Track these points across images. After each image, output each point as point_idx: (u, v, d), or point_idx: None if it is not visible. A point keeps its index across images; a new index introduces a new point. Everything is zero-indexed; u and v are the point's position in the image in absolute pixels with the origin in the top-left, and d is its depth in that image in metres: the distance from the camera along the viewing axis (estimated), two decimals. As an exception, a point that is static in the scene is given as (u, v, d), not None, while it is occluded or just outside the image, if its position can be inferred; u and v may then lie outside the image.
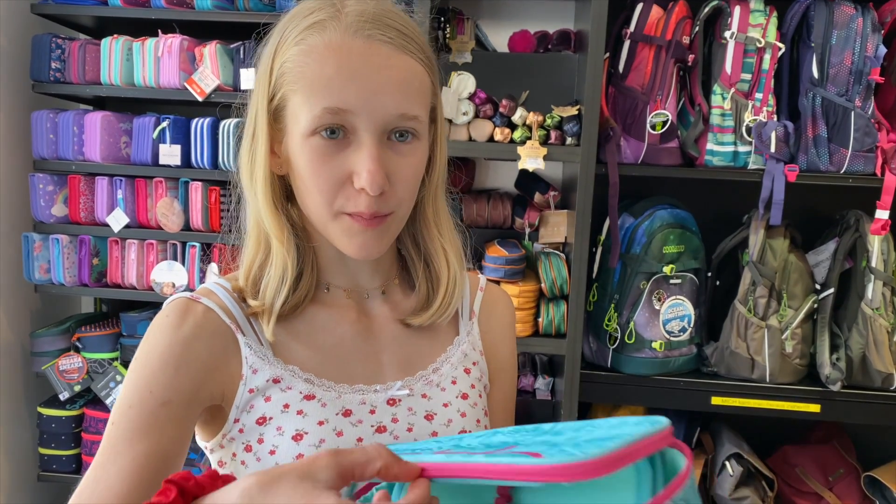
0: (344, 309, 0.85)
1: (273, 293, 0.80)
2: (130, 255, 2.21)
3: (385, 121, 0.73)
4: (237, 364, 0.78)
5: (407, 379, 0.84)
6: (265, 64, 0.78)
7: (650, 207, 2.01)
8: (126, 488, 0.69)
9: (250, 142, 0.79)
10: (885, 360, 1.90)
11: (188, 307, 0.78)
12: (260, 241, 0.82)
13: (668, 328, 1.96)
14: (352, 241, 0.77)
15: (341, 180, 0.74)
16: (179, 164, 2.15)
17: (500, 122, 1.94)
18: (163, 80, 2.13)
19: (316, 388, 0.79)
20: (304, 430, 0.77)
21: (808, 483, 2.09)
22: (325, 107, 0.72)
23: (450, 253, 0.87)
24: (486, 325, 0.93)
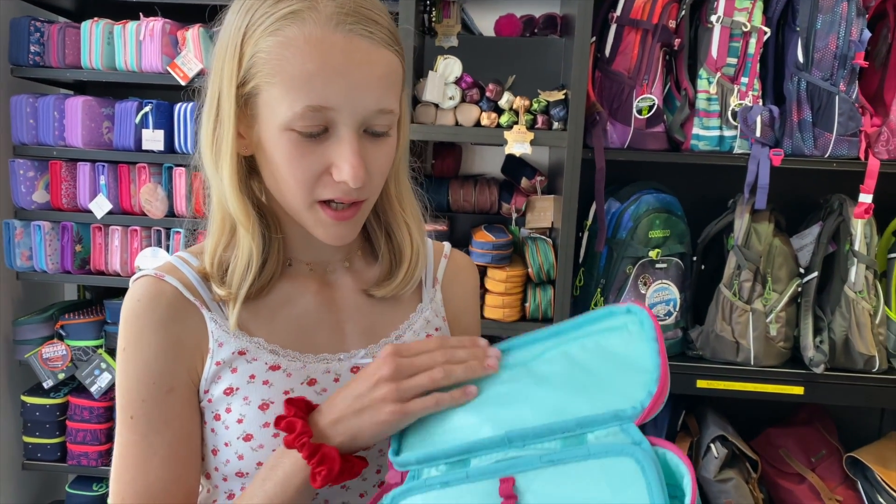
0: (307, 281, 0.87)
1: (239, 280, 0.81)
2: (114, 242, 2.19)
3: (365, 116, 0.74)
4: (204, 339, 0.80)
5: (370, 347, 0.87)
6: (232, 48, 0.75)
7: (636, 192, 2.01)
8: (175, 474, 0.78)
9: (214, 124, 0.78)
10: (868, 343, 1.92)
11: (158, 288, 0.79)
12: (224, 222, 0.82)
13: (654, 312, 1.97)
14: (327, 232, 0.79)
15: (319, 172, 0.75)
16: (163, 150, 2.13)
17: (487, 107, 1.93)
18: (145, 64, 2.10)
19: (281, 359, 0.81)
20: (271, 399, 0.79)
21: (791, 464, 2.12)
22: (307, 105, 0.71)
23: (412, 227, 0.89)
24: (449, 292, 0.96)
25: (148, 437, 0.77)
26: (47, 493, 2.59)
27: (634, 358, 0.66)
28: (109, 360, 2.22)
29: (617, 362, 0.67)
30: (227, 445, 0.79)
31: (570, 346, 0.71)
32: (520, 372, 0.72)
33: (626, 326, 0.69)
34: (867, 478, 2.04)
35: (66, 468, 2.28)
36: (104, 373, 2.21)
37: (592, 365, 0.68)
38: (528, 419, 0.66)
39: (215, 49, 0.78)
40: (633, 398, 0.63)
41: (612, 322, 0.71)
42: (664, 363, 0.64)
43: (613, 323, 0.71)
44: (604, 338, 0.70)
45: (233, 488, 0.81)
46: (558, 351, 0.72)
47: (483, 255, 1.95)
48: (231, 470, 0.80)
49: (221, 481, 0.82)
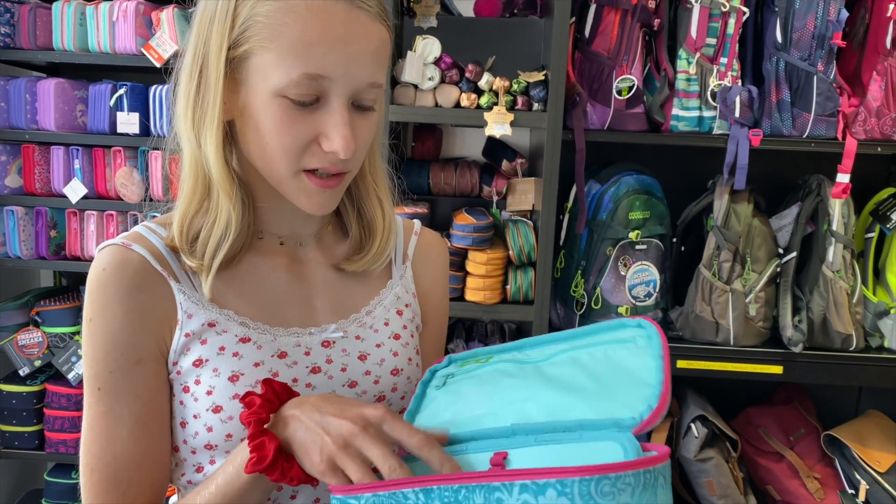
0: (277, 255, 0.86)
1: (214, 248, 0.80)
2: (90, 227, 2.16)
3: (357, 88, 0.74)
4: (173, 310, 0.79)
5: (341, 322, 0.87)
6: (224, 10, 0.74)
7: (616, 174, 2.01)
8: (143, 445, 0.78)
9: (196, 86, 0.76)
10: (845, 322, 1.94)
11: (124, 257, 0.78)
12: (196, 189, 0.80)
13: (634, 293, 1.98)
14: (311, 200, 0.78)
15: (308, 141, 0.75)
16: (138, 133, 2.09)
17: (467, 88, 1.92)
18: (118, 45, 2.06)
19: (251, 332, 0.81)
20: (241, 371, 0.79)
21: (770, 443, 2.14)
22: (304, 72, 0.71)
23: (385, 202, 0.90)
24: (419, 269, 0.97)
25: (115, 409, 0.77)
26: (25, 482, 2.56)
27: (639, 371, 0.68)
28: (87, 346, 2.19)
29: (622, 373, 0.69)
30: (195, 417, 0.79)
31: (579, 353, 0.74)
32: (530, 370, 0.75)
33: (635, 340, 0.72)
34: (845, 455, 2.06)
35: (44, 456, 2.26)
36: (81, 360, 2.18)
37: (599, 373, 0.71)
38: (532, 415, 0.69)
39: (200, 11, 0.76)
40: (633, 409, 0.65)
41: (623, 334, 0.73)
42: (667, 380, 0.66)
43: (624, 335, 0.73)
44: (612, 348, 0.72)
45: (201, 461, 0.81)
46: (568, 355, 0.75)
47: (464, 238, 1.94)
48: (200, 442, 0.79)
49: (190, 454, 0.81)
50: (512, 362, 0.77)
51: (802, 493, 2.06)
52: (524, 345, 0.80)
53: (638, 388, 0.66)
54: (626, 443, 0.61)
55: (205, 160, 0.78)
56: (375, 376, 0.85)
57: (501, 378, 0.75)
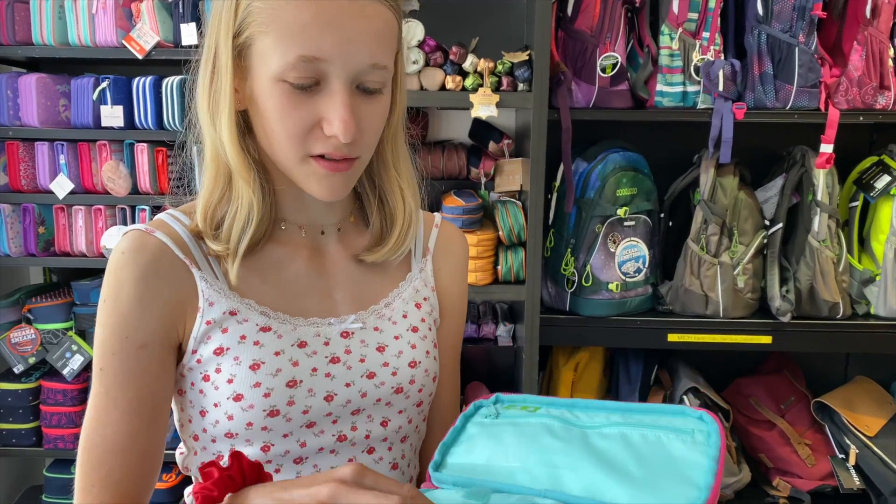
0: (298, 246, 0.86)
1: (238, 233, 0.80)
2: (78, 222, 2.15)
3: (358, 70, 0.74)
4: (194, 297, 0.80)
5: (360, 313, 0.87)
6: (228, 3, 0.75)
7: (603, 151, 2.02)
8: (132, 429, 0.78)
9: (210, 77, 0.78)
10: (832, 290, 1.97)
11: (143, 241, 0.79)
12: (218, 177, 0.81)
13: (624, 270, 2.00)
14: (320, 185, 0.78)
15: (310, 125, 0.75)
16: (123, 126, 2.08)
17: (451, 70, 1.92)
18: (99, 38, 2.04)
19: (272, 321, 0.81)
20: (261, 360, 0.79)
21: (761, 412, 2.17)
22: (299, 54, 0.72)
23: (406, 193, 0.88)
24: (439, 263, 0.96)
25: (111, 392, 0.78)
26: (25, 478, 2.57)
27: (690, 469, 0.64)
28: (80, 341, 2.19)
29: (671, 467, 0.66)
30: (216, 406, 0.79)
31: (631, 431, 0.70)
32: (576, 435, 0.72)
33: (693, 434, 0.68)
34: (834, 421, 2.10)
35: (42, 452, 2.26)
36: (76, 355, 2.18)
37: (647, 458, 0.67)
38: (568, 486, 0.66)
39: (213, 2, 0.78)
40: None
41: (682, 423, 0.69)
42: (717, 487, 0.62)
43: (682, 424, 0.69)
44: (667, 436, 0.69)
45: (221, 450, 0.82)
46: (619, 430, 0.71)
47: (453, 221, 1.95)
48: (220, 431, 0.80)
49: (210, 443, 0.82)
50: (559, 420, 0.74)
51: (794, 459, 2.09)
52: (576, 405, 0.76)
53: (684, 487, 0.63)
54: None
55: (222, 149, 0.79)
56: (393, 368, 0.85)
57: (545, 436, 0.72)
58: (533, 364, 1.97)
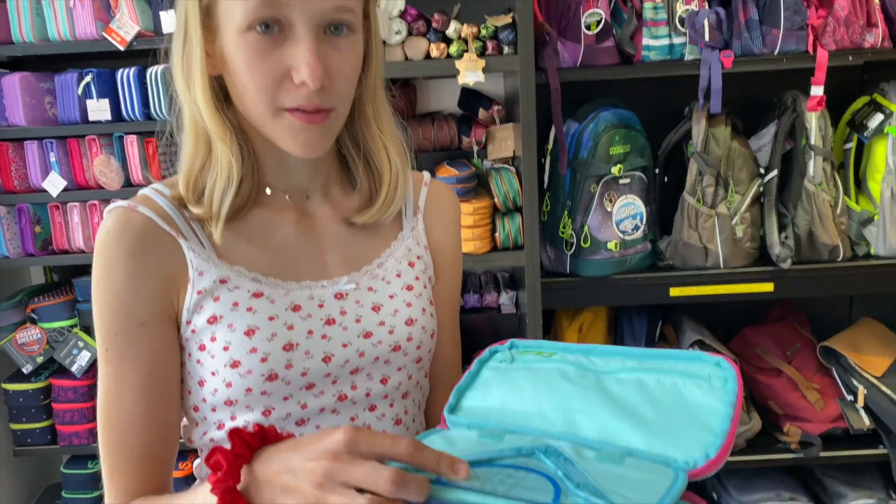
0: (285, 210, 0.86)
1: (220, 196, 0.80)
2: (74, 219, 2.15)
3: (321, 13, 0.73)
4: (183, 269, 0.80)
5: (353, 274, 0.87)
6: None
7: (593, 110, 2.01)
8: (147, 406, 0.79)
9: (182, 44, 0.78)
10: (831, 233, 1.96)
11: (128, 218, 0.79)
12: (199, 143, 0.81)
13: (622, 228, 1.99)
14: (296, 139, 0.77)
15: (280, 76, 0.74)
16: (110, 119, 2.07)
17: (435, 38, 1.90)
18: (79, 32, 2.03)
19: (263, 286, 0.81)
20: (256, 325, 0.79)
21: (767, 360, 2.18)
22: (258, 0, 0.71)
23: (391, 150, 0.88)
24: (430, 221, 0.95)
25: (120, 371, 0.79)
26: (43, 477, 2.59)
27: (706, 414, 0.64)
28: (86, 338, 2.20)
29: (687, 411, 0.65)
30: (213, 375, 0.80)
31: (647, 376, 0.70)
32: (591, 380, 0.72)
33: (710, 380, 0.67)
34: (841, 364, 2.11)
35: (58, 450, 2.28)
36: (83, 351, 2.19)
37: (663, 404, 0.67)
38: (582, 429, 0.66)
39: None
40: (688, 453, 0.61)
41: (698, 369, 0.69)
42: (732, 432, 0.62)
43: (699, 370, 0.69)
44: (683, 381, 0.68)
45: (222, 418, 0.82)
46: (635, 376, 0.71)
47: (448, 190, 1.94)
48: (220, 399, 0.81)
49: (210, 412, 0.83)
50: (575, 365, 0.74)
51: (803, 404, 2.10)
52: (592, 350, 0.76)
53: (700, 432, 0.62)
54: (681, 474, 0.58)
55: (198, 113, 0.79)
56: (390, 326, 0.85)
57: (560, 380, 0.72)
58: (537, 328, 1.98)
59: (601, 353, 0.75)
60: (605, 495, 0.54)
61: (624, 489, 0.56)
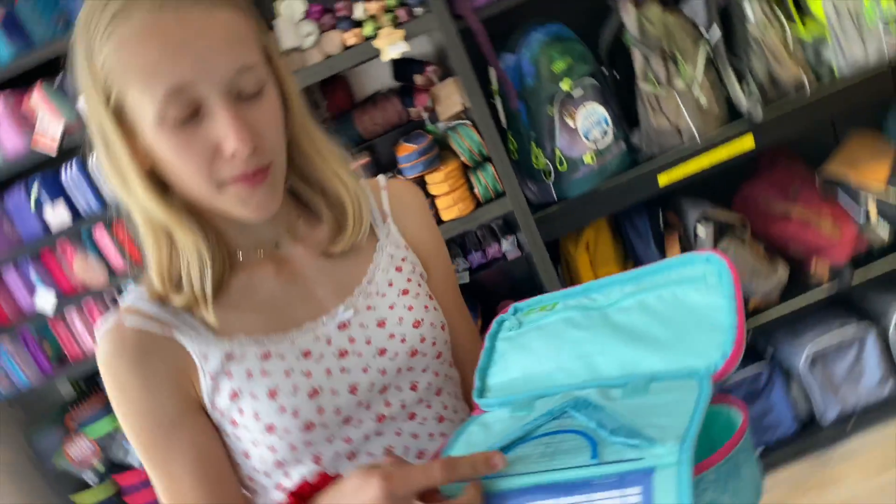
0: (262, 265, 0.86)
1: (199, 279, 0.80)
2: (77, 326, 2.16)
3: (226, 81, 0.72)
4: (188, 360, 0.80)
5: (348, 300, 0.87)
6: (84, 69, 0.75)
7: (523, 35, 1.98)
8: (205, 496, 0.79)
9: (105, 149, 0.77)
10: (790, 69, 1.95)
11: (120, 336, 0.79)
12: (158, 235, 0.81)
13: (591, 138, 1.98)
14: (247, 206, 0.78)
15: (210, 154, 0.74)
16: (72, 218, 2.06)
17: (347, 26, 1.87)
18: (8, 150, 2.01)
19: (268, 346, 0.82)
20: (275, 386, 0.80)
21: (774, 209, 2.18)
22: (164, 91, 0.71)
23: (341, 173, 0.88)
24: (401, 221, 0.95)
25: (170, 470, 0.80)
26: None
27: (711, 313, 0.65)
28: (133, 429, 2.23)
29: (693, 317, 0.66)
30: (255, 445, 0.81)
31: (647, 296, 0.71)
32: (597, 318, 0.73)
33: (705, 277, 0.68)
34: (843, 188, 2.11)
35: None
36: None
37: (669, 318, 0.68)
38: (604, 369, 0.67)
39: (77, 79, 0.77)
40: (707, 358, 0.62)
41: (691, 271, 0.70)
42: (741, 323, 0.62)
43: (692, 272, 0.69)
44: (681, 289, 0.69)
45: (277, 480, 0.83)
46: (636, 300, 0.71)
47: (414, 167, 1.93)
48: (269, 464, 0.82)
49: (265, 478, 0.84)
50: (578, 309, 0.75)
51: (821, 238, 2.11)
52: (589, 288, 0.76)
53: (711, 333, 0.63)
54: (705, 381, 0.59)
55: (147, 211, 0.79)
56: (400, 336, 0.86)
57: (569, 329, 0.73)
58: (546, 263, 1.99)
59: (598, 287, 0.76)
60: (638, 432, 0.55)
61: (656, 418, 0.57)
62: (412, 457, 0.86)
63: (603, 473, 0.53)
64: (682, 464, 0.51)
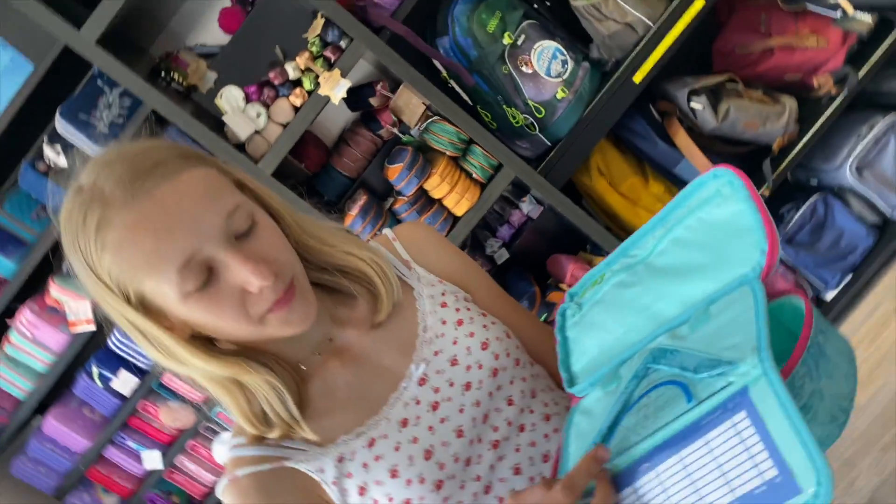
0: (326, 364, 0.89)
1: (283, 408, 0.83)
2: (190, 468, 2.23)
3: (222, 231, 0.75)
4: (310, 481, 0.83)
5: (414, 356, 0.89)
6: (92, 282, 0.78)
7: (446, 15, 1.97)
8: None
9: (143, 339, 0.80)
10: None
11: (240, 489, 0.83)
12: (230, 388, 0.84)
13: (554, 73, 1.97)
14: (290, 325, 0.81)
15: (240, 299, 0.77)
16: (139, 380, 2.13)
17: (288, 89, 1.89)
18: (56, 348, 2.08)
19: (370, 433, 0.85)
20: (393, 464, 0.83)
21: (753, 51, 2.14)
22: (175, 270, 0.73)
23: (353, 248, 0.90)
24: (423, 260, 0.98)
25: None
26: None
27: (736, 220, 0.67)
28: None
29: (722, 231, 0.68)
30: None
31: (676, 231, 0.73)
32: (642, 271, 0.75)
33: (719, 191, 0.70)
34: (808, -4, 2.06)
35: None
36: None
37: (702, 242, 0.70)
38: (666, 313, 0.70)
39: (88, 292, 0.80)
40: (749, 260, 0.64)
41: (705, 192, 0.72)
42: (766, 217, 0.64)
43: (706, 192, 0.72)
44: (703, 211, 0.71)
45: None
46: (668, 240, 0.74)
47: (409, 183, 1.95)
48: None
49: None
50: (623, 271, 0.77)
51: (810, 54, 2.07)
52: (626, 247, 0.79)
53: (743, 238, 0.66)
54: (756, 286, 0.61)
55: (206, 373, 0.82)
56: (476, 364, 0.88)
57: (622, 291, 0.76)
58: (570, 207, 1.99)
59: (633, 243, 0.78)
60: (718, 360, 0.56)
61: (726, 339, 0.58)
62: (539, 463, 0.88)
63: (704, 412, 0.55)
64: (769, 371, 0.52)
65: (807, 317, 0.59)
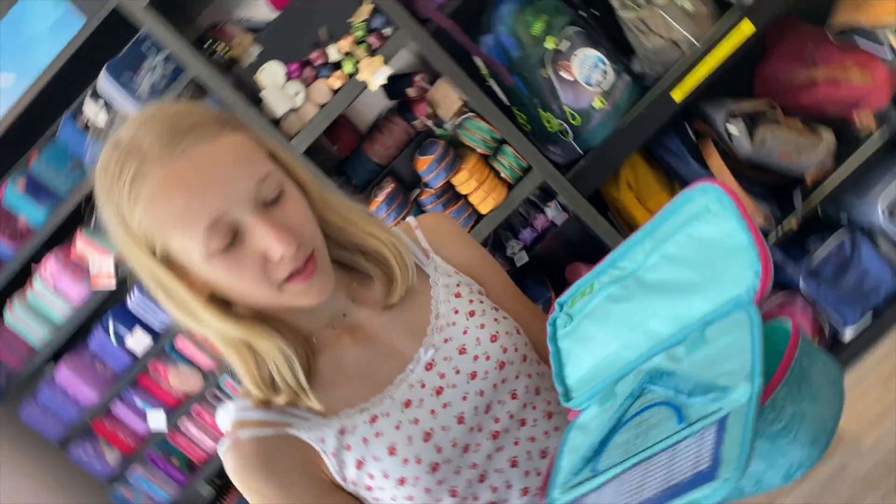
0: (338, 339, 0.91)
1: (291, 375, 0.85)
2: (193, 432, 2.26)
3: (252, 196, 0.77)
4: (309, 449, 0.85)
5: (424, 341, 0.91)
6: (121, 233, 0.80)
7: (492, 11, 1.98)
8: None
9: (164, 294, 0.82)
10: (761, -58, 1.89)
11: (242, 452, 0.85)
12: (241, 350, 0.85)
13: (594, 82, 1.97)
14: (308, 295, 0.82)
15: (261, 264, 0.78)
16: (152, 340, 2.16)
17: (329, 71, 1.91)
18: (75, 299, 2.12)
19: (372, 409, 0.86)
20: (392, 442, 0.84)
21: (796, 79, 2.13)
22: (203, 228, 0.75)
23: (373, 230, 0.92)
24: (442, 250, 0.99)
25: None
26: None
27: (727, 239, 0.67)
28: None
29: (714, 249, 0.68)
30: (394, 500, 0.86)
31: (666, 247, 0.73)
32: (633, 285, 0.75)
33: (708, 208, 0.70)
34: (856, 32, 2.04)
35: None
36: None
37: (693, 259, 0.70)
38: (660, 331, 0.70)
39: (115, 244, 0.82)
40: (743, 281, 0.64)
41: (693, 207, 0.71)
42: (757, 237, 0.64)
43: (695, 208, 0.71)
44: (693, 227, 0.71)
45: None
46: (658, 255, 0.74)
47: (437, 176, 1.96)
48: None
49: None
50: (613, 283, 0.77)
51: (854, 90, 2.05)
52: (614, 259, 0.79)
53: (735, 257, 0.65)
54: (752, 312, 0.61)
55: (221, 333, 0.84)
56: (483, 355, 0.90)
57: (613, 306, 0.76)
58: (595, 217, 1.99)
59: (622, 254, 0.79)
60: (712, 385, 0.57)
61: (721, 365, 0.59)
62: (536, 459, 0.89)
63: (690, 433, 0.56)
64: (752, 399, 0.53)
65: (792, 339, 0.59)
